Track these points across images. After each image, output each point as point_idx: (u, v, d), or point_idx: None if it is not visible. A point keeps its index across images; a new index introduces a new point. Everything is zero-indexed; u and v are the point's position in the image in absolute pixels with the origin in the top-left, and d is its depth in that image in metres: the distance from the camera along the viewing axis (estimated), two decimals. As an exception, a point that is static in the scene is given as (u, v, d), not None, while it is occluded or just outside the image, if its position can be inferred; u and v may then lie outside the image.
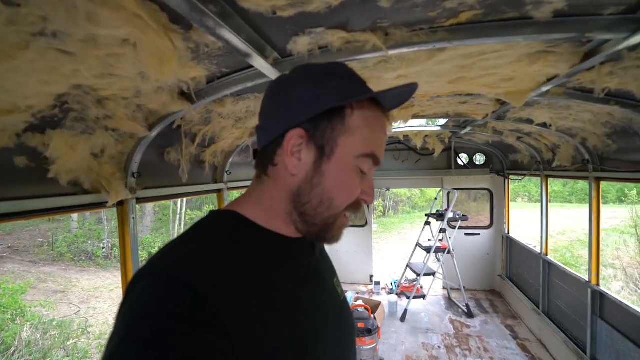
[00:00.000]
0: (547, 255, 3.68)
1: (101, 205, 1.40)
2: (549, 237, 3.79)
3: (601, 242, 2.78)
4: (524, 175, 4.12)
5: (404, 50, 1.18)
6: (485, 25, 1.08)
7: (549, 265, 3.61)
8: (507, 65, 1.45)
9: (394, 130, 3.84)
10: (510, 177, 4.67)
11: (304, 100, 0.52)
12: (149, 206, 12.57)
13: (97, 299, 7.75)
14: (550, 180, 3.71)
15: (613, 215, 12.47)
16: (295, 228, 0.56)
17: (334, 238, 0.56)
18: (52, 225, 12.80)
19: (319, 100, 0.51)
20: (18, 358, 5.12)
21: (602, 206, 2.80)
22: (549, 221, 3.77)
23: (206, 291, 0.41)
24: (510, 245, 4.68)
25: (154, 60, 0.83)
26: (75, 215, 11.76)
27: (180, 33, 0.92)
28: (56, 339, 5.69)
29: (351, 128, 0.51)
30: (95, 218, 12.81)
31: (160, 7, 0.79)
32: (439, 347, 3.61)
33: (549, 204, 3.79)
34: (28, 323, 5.83)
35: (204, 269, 0.44)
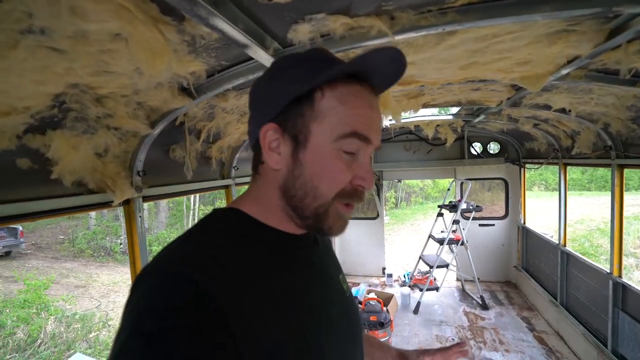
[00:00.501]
0: (565, 245, 3.55)
1: (107, 204, 1.39)
2: (567, 226, 3.66)
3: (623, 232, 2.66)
4: (541, 163, 3.97)
5: (412, 34, 1.11)
6: (499, 3, 1.00)
7: (567, 256, 3.49)
8: (523, 47, 1.36)
9: (403, 121, 3.74)
10: (526, 165, 4.51)
11: (272, 94, 0.52)
12: (163, 202, 12.82)
13: (116, 293, 7.98)
14: (568, 168, 3.56)
15: (635, 202, 12.02)
16: (293, 223, 0.55)
17: (333, 229, 0.53)
18: (72, 222, 13.22)
19: (285, 91, 0.50)
20: (44, 349, 5.34)
21: (624, 194, 2.67)
22: (567, 211, 3.62)
23: (209, 288, 0.41)
24: (527, 235, 4.55)
25: (145, 54, 0.79)
26: (93, 213, 12.10)
27: (173, 25, 0.88)
28: (79, 332, 5.90)
29: (322, 111, 0.49)
30: (113, 215, 13.16)
31: (149, -2, 0.75)
32: (453, 339, 3.56)
33: (567, 192, 3.64)
34: (52, 317, 6.07)
35: (207, 265, 0.44)
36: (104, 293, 8.02)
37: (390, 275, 5.23)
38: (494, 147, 4.87)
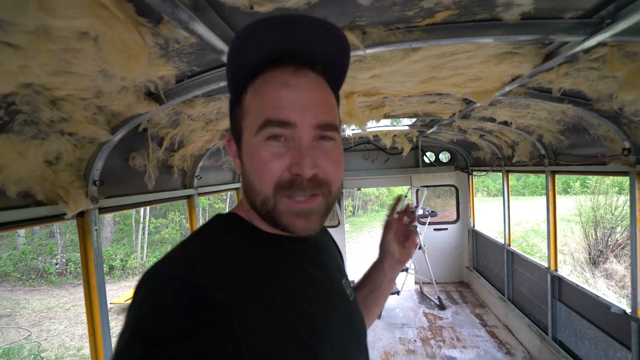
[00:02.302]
0: (510, 245, 3.92)
1: (59, 217, 1.26)
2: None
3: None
4: (487, 171, 4.36)
5: (381, 49, 1.18)
6: (459, 25, 1.11)
7: (512, 254, 3.85)
8: (476, 65, 1.51)
9: (370, 130, 3.89)
10: (474, 173, 4.92)
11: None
12: (108, 216, 11.73)
13: (51, 320, 7.08)
14: (509, 175, 3.96)
15: (559, 205, 13.58)
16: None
17: (290, 226, 0.48)
18: (-7, 241, 11.51)
19: (230, 101, 0.55)
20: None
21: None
22: (511, 213, 4.01)
23: (209, 290, 0.41)
24: (476, 238, 4.93)
25: (120, 56, 0.75)
26: (22, 230, 10.68)
27: (148, 27, 0.85)
28: (3, 368, 5.13)
29: (246, 108, 0.50)
30: (46, 232, 11.73)
31: (126, -3, 0.72)
32: (415, 340, 3.71)
33: (510, 197, 4.04)
34: (-32, 354, 5.21)
35: (207, 268, 0.44)
36: (35, 321, 7.06)
37: (352, 282, 5.30)
38: (445, 157, 5.24)
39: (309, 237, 0.59)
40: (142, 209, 11.57)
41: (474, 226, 5.01)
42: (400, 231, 0.77)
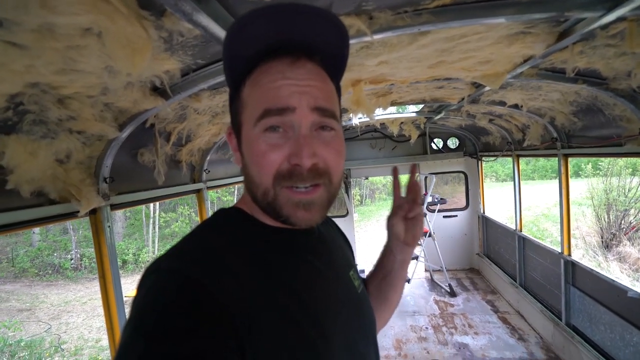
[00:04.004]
0: (521, 231, 3.87)
1: (72, 215, 1.28)
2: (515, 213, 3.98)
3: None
4: (497, 156, 4.29)
5: (389, 34, 1.14)
6: (469, 6, 1.07)
7: (523, 240, 3.81)
8: (487, 47, 1.46)
9: (378, 117, 3.85)
10: (483, 158, 4.85)
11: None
12: (119, 211, 11.93)
13: (69, 314, 7.30)
14: (520, 159, 3.88)
15: (571, 188, 13.36)
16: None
17: (292, 218, 0.48)
18: (10, 239, 11.83)
19: (229, 95, 0.54)
20: (-15, 385, 4.76)
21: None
22: (522, 198, 3.95)
23: (211, 285, 0.41)
24: (486, 224, 4.89)
25: (125, 51, 0.74)
26: (37, 228, 10.95)
27: (151, 20, 0.83)
28: (26, 360, 5.33)
29: (245, 100, 0.50)
30: (60, 228, 12.01)
31: (128, -10, 0.70)
32: (426, 328, 3.73)
33: (520, 181, 3.97)
34: (-8, 347, 5.42)
35: (209, 263, 0.44)
36: (54, 315, 7.29)
37: (362, 271, 5.34)
38: (453, 142, 5.17)
39: (313, 228, 0.59)
40: (151, 204, 11.75)
41: (484, 212, 4.96)
42: (405, 211, 0.71)
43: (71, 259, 10.36)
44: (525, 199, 4.39)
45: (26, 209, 1.12)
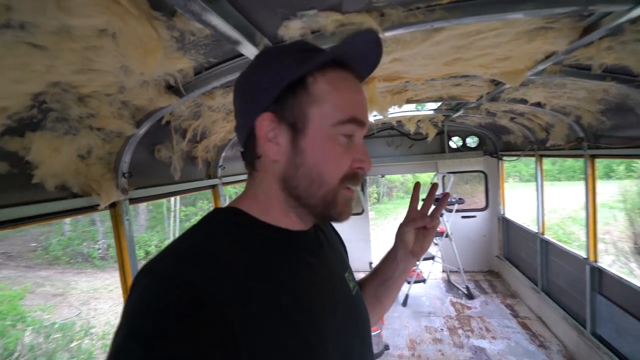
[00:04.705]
0: (543, 234, 3.72)
1: (93, 208, 1.34)
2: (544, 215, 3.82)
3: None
4: (518, 155, 4.13)
5: (401, 31, 1.13)
6: (485, 1, 1.03)
7: (546, 244, 3.66)
8: (505, 43, 1.41)
9: (392, 115, 3.79)
10: (504, 158, 4.68)
11: (264, 84, 0.51)
12: (142, 204, 12.41)
13: (97, 300, 7.71)
14: (543, 159, 3.72)
15: (601, 190, 12.67)
16: (295, 216, 0.55)
17: (343, 214, 0.53)
18: (44, 229, 12.57)
19: (278, 79, 0.50)
20: (24, 362, 5.11)
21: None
22: (544, 200, 3.79)
23: (206, 287, 0.41)
24: (507, 225, 4.73)
25: (137, 51, 0.77)
26: (67, 218, 11.57)
27: (163, 20, 0.85)
28: (59, 342, 5.66)
29: (319, 96, 0.49)
30: (89, 219, 12.63)
31: (139, -8, 0.72)
32: (441, 329, 3.66)
33: (543, 182, 3.81)
34: (29, 328, 5.79)
35: (205, 265, 0.43)
36: (83, 300, 7.71)
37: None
38: (472, 141, 5.02)
39: (311, 229, 0.59)
40: (172, 198, 12.13)
41: (504, 213, 4.80)
42: (419, 222, 0.72)
43: (99, 249, 10.87)
44: (551, 201, 4.21)
45: (51, 202, 1.19)
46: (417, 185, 0.75)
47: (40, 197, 1.15)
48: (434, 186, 0.74)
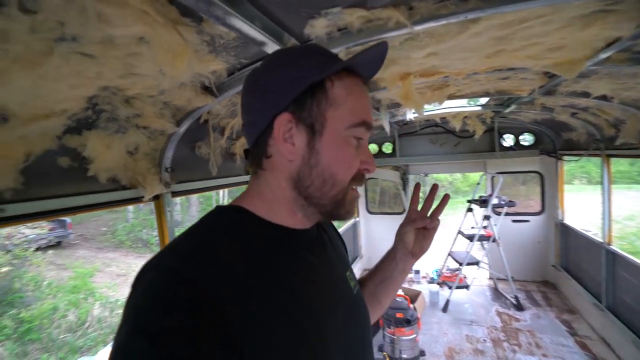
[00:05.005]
0: (611, 244, 3.30)
1: (139, 199, 1.48)
2: (614, 223, 3.37)
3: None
4: (580, 155, 3.69)
5: (431, 24, 1.07)
6: (525, -14, 0.94)
7: (613, 255, 3.23)
8: (555, 31, 1.27)
9: (428, 113, 3.62)
10: (564, 157, 4.22)
11: (283, 83, 0.51)
12: (194, 197, 13.35)
13: (152, 283, 8.48)
14: (614, 159, 3.28)
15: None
16: (302, 215, 0.55)
17: (349, 213, 0.55)
18: (112, 215, 14.13)
19: (298, 80, 0.50)
20: (92, 332, 5.82)
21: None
22: (612, 206, 3.35)
23: (208, 285, 0.41)
24: (566, 232, 4.27)
25: (167, 56, 0.83)
26: (130, 207, 12.87)
27: (193, 26, 0.91)
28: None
29: (336, 100, 0.51)
30: (149, 208, 13.91)
31: (168, 0, 0.78)
32: (484, 340, 3.44)
33: (612, 186, 3.36)
34: (97, 302, 6.58)
35: (207, 263, 0.44)
36: (142, 283, 8.54)
37: (417, 272, 5.13)
38: (527, 139, 4.60)
39: (312, 227, 0.59)
40: (220, 191, 12.86)
41: (562, 219, 4.34)
42: (419, 222, 0.73)
43: (156, 236, 11.93)
44: (628, 207, 3.70)
45: (103, 193, 1.34)
46: (417, 186, 0.76)
47: (94, 189, 1.30)
48: (434, 187, 0.75)
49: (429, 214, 0.74)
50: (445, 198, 0.77)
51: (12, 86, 0.86)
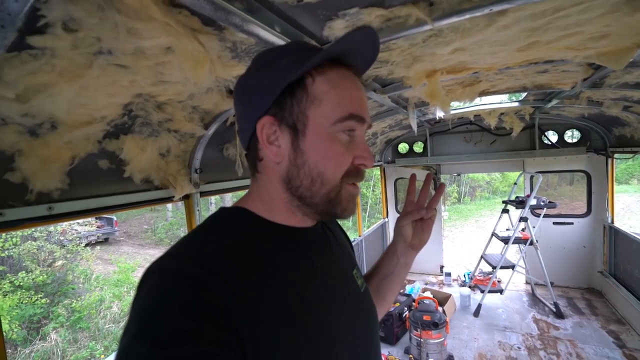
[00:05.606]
0: (668, 250, 2.99)
1: (170, 199, 1.57)
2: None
3: None
4: (635, 153, 3.37)
5: (454, 19, 1.03)
6: (556, -26, 0.88)
7: None
8: (597, 19, 1.17)
9: (461, 110, 3.48)
10: (615, 155, 3.87)
11: (261, 87, 0.51)
12: (228, 195, 13.86)
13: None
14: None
15: None
16: (301, 214, 0.55)
17: (346, 211, 0.54)
18: (153, 214, 15.04)
19: (275, 81, 0.49)
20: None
21: None
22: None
23: (214, 287, 0.41)
24: (615, 237, 3.92)
25: (190, 64, 0.88)
26: (169, 205, 13.63)
27: (215, 34, 0.95)
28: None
29: (317, 96, 0.49)
30: (186, 207, 14.66)
31: (191, 12, 0.82)
32: (518, 347, 3.26)
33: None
34: (138, 296, 7.05)
35: (212, 264, 0.44)
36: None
37: (448, 274, 4.96)
38: (572, 135, 4.27)
39: (317, 226, 0.60)
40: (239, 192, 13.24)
41: (612, 222, 3.99)
42: (416, 214, 0.71)
43: (192, 234, 12.53)
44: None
45: (138, 193, 1.44)
46: (412, 177, 0.73)
47: (130, 189, 1.40)
48: (428, 176, 0.74)
49: (425, 205, 0.73)
50: (441, 187, 0.76)
51: (59, 97, 0.95)
